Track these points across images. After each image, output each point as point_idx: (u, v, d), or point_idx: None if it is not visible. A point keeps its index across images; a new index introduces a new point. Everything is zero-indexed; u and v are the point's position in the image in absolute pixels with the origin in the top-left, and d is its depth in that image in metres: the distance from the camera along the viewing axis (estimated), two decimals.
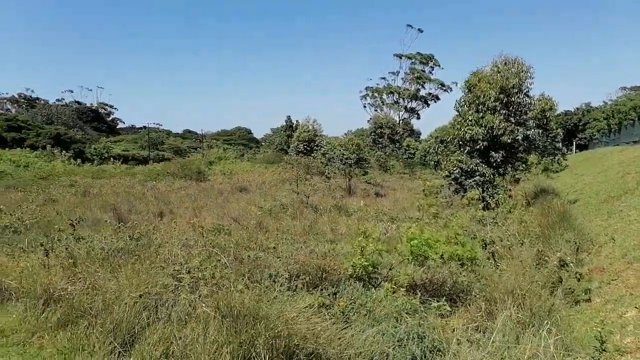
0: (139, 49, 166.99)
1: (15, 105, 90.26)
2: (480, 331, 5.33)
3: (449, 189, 21.40)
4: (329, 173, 31.85)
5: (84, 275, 6.16)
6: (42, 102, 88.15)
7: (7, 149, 46.11)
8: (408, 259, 7.17)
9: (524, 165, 22.33)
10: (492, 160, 20.31)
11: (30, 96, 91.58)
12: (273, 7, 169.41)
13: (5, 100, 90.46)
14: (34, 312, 5.50)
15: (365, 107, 80.00)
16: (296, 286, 6.20)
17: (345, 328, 5.08)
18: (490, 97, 19.63)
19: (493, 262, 8.09)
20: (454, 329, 5.35)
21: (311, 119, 53.88)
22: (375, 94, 77.93)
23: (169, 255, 7.45)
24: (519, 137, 20.01)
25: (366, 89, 78.86)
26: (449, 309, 6.00)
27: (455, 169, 20.75)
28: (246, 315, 4.67)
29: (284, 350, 4.38)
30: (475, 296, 6.40)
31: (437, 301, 6.08)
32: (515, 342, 4.74)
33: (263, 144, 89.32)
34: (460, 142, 20.85)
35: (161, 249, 8.14)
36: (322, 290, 6.29)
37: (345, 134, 68.65)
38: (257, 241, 9.86)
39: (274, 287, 5.86)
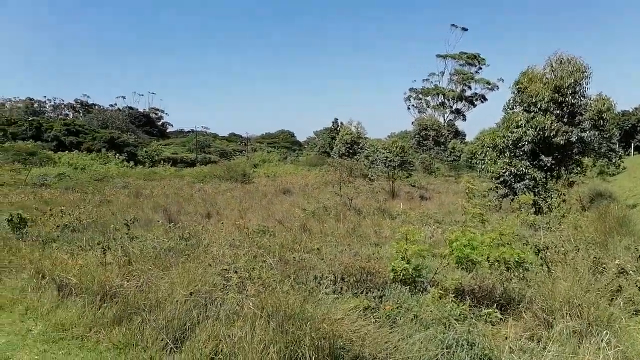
0: (187, 54, 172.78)
1: (73, 110, 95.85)
2: (534, 340, 5.12)
3: (497, 192, 20.73)
4: (372, 176, 31.64)
5: (138, 273, 6.44)
6: (97, 107, 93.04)
7: (66, 152, 49.02)
8: (454, 262, 7.00)
9: (578, 167, 21.26)
10: (542, 163, 19.50)
11: (87, 102, 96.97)
12: (312, 9, 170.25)
13: (64, 106, 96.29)
14: (92, 307, 5.76)
15: (409, 108, 78.98)
16: (341, 288, 6.19)
17: (391, 332, 5.02)
18: (543, 98, 18.86)
19: (546, 269, 7.75)
20: (506, 337, 5.17)
21: (354, 121, 53.85)
22: (420, 96, 76.76)
23: (217, 255, 7.64)
24: (573, 139, 19.09)
25: (410, 90, 77.91)
26: (499, 316, 5.80)
27: (503, 171, 20.07)
28: (292, 316, 4.71)
29: (329, 351, 4.38)
30: (527, 304, 6.16)
31: (487, 308, 5.90)
32: (572, 353, 4.52)
33: (306, 146, 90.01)
34: (509, 145, 20.14)
35: (209, 248, 8.37)
36: (367, 293, 6.25)
37: (389, 136, 68.10)
38: (301, 243, 9.96)
39: (319, 288, 5.88)
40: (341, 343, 4.47)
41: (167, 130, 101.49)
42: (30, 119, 62.10)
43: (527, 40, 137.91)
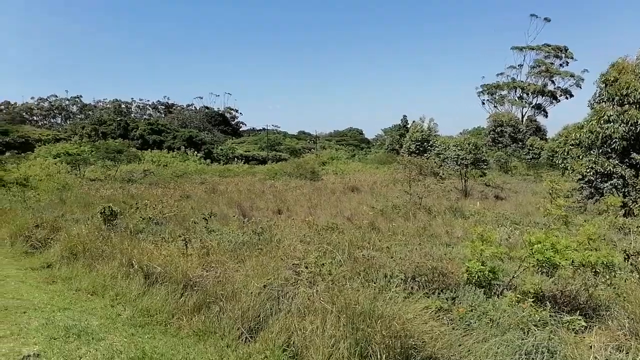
0: (260, 53, 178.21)
1: (156, 110, 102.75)
2: (621, 351, 4.72)
3: (582, 192, 19.28)
4: (443, 174, 30.76)
5: (215, 265, 6.79)
6: (177, 107, 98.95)
7: (149, 150, 52.68)
8: (533, 266, 6.63)
9: None
10: (635, 161, 17.81)
11: (167, 102, 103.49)
12: (374, 6, 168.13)
13: (148, 107, 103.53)
14: (174, 295, 6.15)
15: (483, 104, 75.45)
16: (412, 288, 6.11)
17: (465, 335, 4.87)
18: (636, 89, 17.23)
19: (637, 276, 7.11)
20: (590, 346, 4.81)
21: (426, 118, 52.58)
22: (494, 90, 73.05)
23: (288, 250, 7.84)
24: None
25: (482, 86, 74.36)
26: (583, 323, 5.41)
27: (589, 170, 18.62)
28: (362, 313, 4.73)
29: (400, 351, 4.35)
30: (615, 312, 5.68)
31: (569, 315, 5.52)
32: None
33: (374, 144, 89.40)
34: (596, 141, 18.62)
35: (281, 243, 8.61)
36: (439, 293, 6.11)
37: (461, 133, 65.69)
38: (370, 241, 9.95)
39: (389, 287, 5.83)
40: (412, 343, 4.42)
41: (241, 129, 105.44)
42: (118, 119, 67.40)
43: (613, 32, 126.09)
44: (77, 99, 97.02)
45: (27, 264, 8.44)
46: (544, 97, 70.15)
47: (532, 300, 5.71)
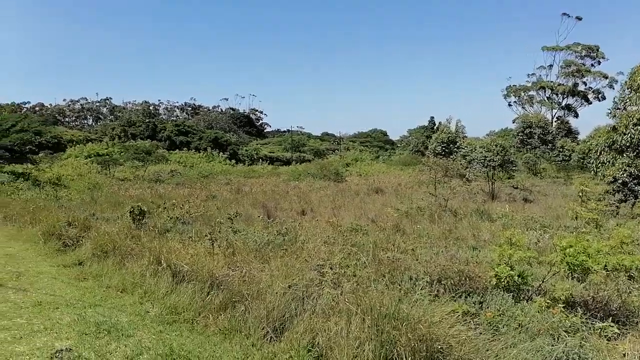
0: (284, 56, 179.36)
1: (183, 112, 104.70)
2: None
3: (615, 196, 18.65)
4: (469, 176, 30.28)
5: (241, 264, 6.87)
6: (204, 109, 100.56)
7: (176, 150, 53.70)
8: (563, 271, 6.46)
9: None
10: None
11: (194, 104, 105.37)
12: (398, 6, 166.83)
13: (175, 108, 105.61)
14: (201, 293, 6.24)
15: (510, 105, 73.96)
16: (437, 291, 6.03)
17: (493, 340, 4.78)
18: None
19: None
20: (623, 354, 4.66)
21: (453, 119, 51.92)
22: (521, 92, 71.44)
23: (312, 251, 7.86)
24: None
25: (507, 88, 72.74)
26: (616, 330, 5.24)
27: (622, 173, 18.01)
28: (387, 315, 4.70)
29: (426, 354, 4.30)
30: None
31: (602, 321, 5.35)
32: None
33: (399, 145, 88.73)
34: (632, 143, 18.00)
35: (305, 244, 8.63)
36: (465, 297, 6.02)
37: (488, 134, 64.57)
38: (394, 243, 9.87)
39: (414, 289, 5.78)
40: (439, 346, 4.36)
41: (265, 130, 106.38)
42: (146, 120, 68.93)
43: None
44: (107, 101, 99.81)
45: (60, 261, 8.71)
46: (574, 98, 68.28)
47: (562, 305, 5.56)
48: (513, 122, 63.98)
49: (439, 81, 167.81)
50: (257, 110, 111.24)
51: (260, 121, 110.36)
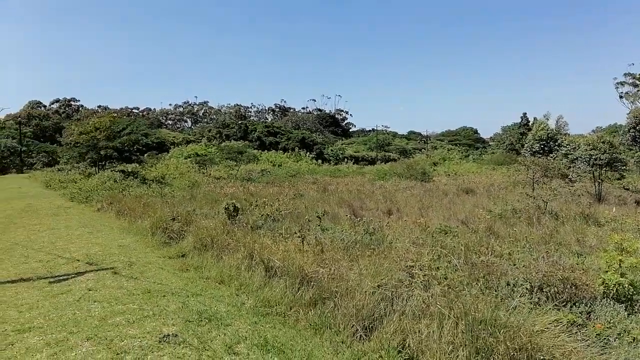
0: (370, 56, 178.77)
1: (272, 114, 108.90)
2: None
3: None
4: (572, 176, 27.84)
5: (329, 262, 6.96)
6: (292, 110, 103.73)
7: (265, 151, 55.97)
8: None
9: None
10: None
11: (283, 106, 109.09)
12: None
13: (265, 110, 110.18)
14: (292, 288, 6.44)
15: (621, 97, 66.61)
16: (538, 299, 5.63)
17: (603, 354, 4.36)
18: None
19: None
20: None
21: (551, 115, 48.11)
22: (638, 82, 63.99)
23: (401, 251, 7.75)
24: None
25: (625, 75, 65.44)
26: None
27: None
28: (483, 321, 4.49)
29: None
30: None
31: None
32: None
33: (491, 143, 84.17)
34: None
35: (393, 244, 8.53)
36: (571, 306, 5.54)
37: (593, 130, 58.85)
38: (488, 246, 9.37)
39: (512, 296, 5.45)
40: (541, 357, 4.07)
41: (350, 130, 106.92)
42: (239, 122, 72.71)
43: None
44: (204, 104, 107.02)
45: (165, 252, 9.49)
46: None
47: None
48: (627, 115, 57.57)
49: (534, 75, 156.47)
50: (342, 111, 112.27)
51: (346, 121, 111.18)
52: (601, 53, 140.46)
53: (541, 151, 41.67)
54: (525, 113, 63.80)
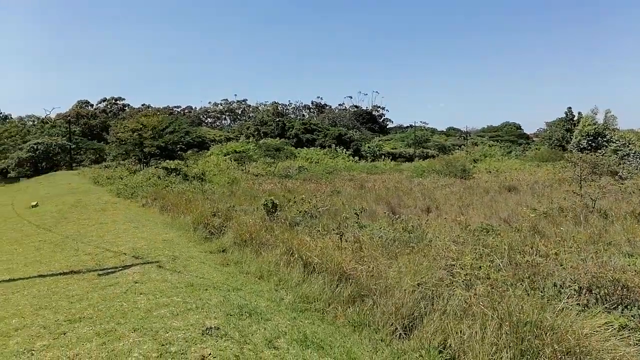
0: (408, 51, 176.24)
1: (309, 111, 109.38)
2: None
3: None
4: (623, 173, 26.47)
5: (368, 259, 6.93)
6: (328, 107, 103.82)
7: (302, 148, 56.28)
8: None
9: None
10: None
11: (320, 103, 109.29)
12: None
13: (302, 107, 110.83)
14: (330, 285, 6.47)
15: None
16: (587, 301, 5.39)
17: None
18: None
19: None
20: None
21: (599, 109, 45.82)
22: None
23: (441, 250, 7.61)
24: None
25: None
26: None
27: None
28: (528, 323, 4.35)
29: None
30: None
31: None
32: None
33: (535, 139, 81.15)
34: None
35: (433, 242, 8.40)
36: (623, 309, 5.28)
37: None
38: (532, 245, 9.06)
39: (559, 297, 5.25)
40: None
41: (387, 127, 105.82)
42: (277, 119, 73.43)
43: None
44: (243, 102, 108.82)
45: (207, 247, 9.73)
46: None
47: None
48: None
49: (582, 68, 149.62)
50: (379, 107, 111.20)
51: (383, 117, 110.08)
52: None
53: (589, 147, 39.85)
54: (570, 108, 61.23)
